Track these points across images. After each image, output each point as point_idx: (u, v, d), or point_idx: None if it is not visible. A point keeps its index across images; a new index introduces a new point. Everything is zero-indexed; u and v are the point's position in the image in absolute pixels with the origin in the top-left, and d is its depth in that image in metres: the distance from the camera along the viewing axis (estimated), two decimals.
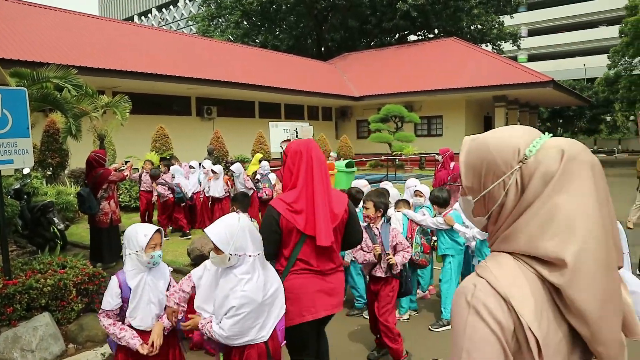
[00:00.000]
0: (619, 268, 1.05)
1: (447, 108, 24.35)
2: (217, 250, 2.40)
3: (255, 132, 18.09)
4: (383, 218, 3.89)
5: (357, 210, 4.94)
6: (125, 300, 2.70)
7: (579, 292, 0.95)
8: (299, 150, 2.81)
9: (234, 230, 2.41)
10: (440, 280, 4.90)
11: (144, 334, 2.69)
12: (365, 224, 3.82)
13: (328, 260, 2.81)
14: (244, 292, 2.36)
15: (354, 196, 5.07)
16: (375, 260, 3.73)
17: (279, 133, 14.26)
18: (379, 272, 3.79)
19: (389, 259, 3.71)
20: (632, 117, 40.87)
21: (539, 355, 0.94)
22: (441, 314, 4.81)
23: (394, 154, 20.27)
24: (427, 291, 5.60)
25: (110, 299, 2.68)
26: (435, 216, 4.84)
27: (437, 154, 9.61)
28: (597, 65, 41.70)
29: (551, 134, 1.11)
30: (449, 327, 4.17)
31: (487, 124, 26.54)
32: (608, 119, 44.77)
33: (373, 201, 3.83)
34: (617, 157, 33.72)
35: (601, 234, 0.98)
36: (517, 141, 1.05)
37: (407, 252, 3.81)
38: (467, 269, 4.95)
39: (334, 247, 2.82)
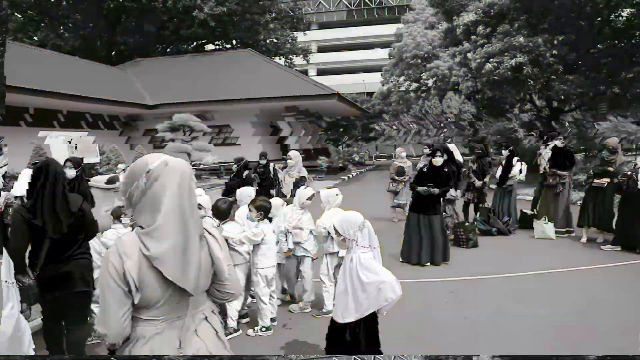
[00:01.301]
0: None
1: (241, 117, 24.92)
2: None
3: (26, 143, 15.84)
4: None
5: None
6: None
7: (157, 246, 1.65)
8: (40, 167, 3.57)
9: None
10: None
11: None
12: None
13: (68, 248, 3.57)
14: None
15: None
16: None
17: (58, 143, 12.93)
18: None
19: None
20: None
21: (136, 290, 1.64)
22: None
23: (192, 163, 19.98)
24: None
25: None
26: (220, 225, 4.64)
27: (233, 163, 9.56)
28: (374, 82, 47.70)
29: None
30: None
31: (278, 133, 27.93)
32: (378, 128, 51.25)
33: None
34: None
35: (177, 209, 1.69)
36: (147, 160, 1.75)
37: None
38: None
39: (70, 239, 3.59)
